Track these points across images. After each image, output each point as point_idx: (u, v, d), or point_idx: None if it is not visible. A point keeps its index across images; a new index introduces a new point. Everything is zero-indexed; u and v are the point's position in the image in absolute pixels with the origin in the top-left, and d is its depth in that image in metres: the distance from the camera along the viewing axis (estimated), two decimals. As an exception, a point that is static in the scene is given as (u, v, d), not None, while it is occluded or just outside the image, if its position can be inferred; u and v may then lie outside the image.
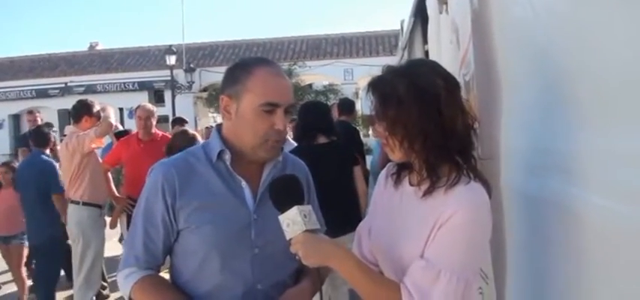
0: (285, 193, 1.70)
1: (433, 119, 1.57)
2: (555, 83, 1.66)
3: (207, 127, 15.57)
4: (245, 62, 1.89)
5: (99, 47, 31.34)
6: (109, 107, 5.49)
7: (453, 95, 1.62)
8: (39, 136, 6.12)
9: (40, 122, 7.76)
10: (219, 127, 1.96)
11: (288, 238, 1.64)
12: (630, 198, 1.22)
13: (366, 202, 4.75)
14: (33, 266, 7.02)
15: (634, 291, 1.23)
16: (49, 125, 6.71)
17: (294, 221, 1.63)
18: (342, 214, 3.72)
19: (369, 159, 7.62)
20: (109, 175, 6.00)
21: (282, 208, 1.66)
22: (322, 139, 4.37)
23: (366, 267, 1.68)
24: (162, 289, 1.88)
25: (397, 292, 1.55)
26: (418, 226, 1.61)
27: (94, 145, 5.37)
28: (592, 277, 1.45)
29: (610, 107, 1.33)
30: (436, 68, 1.68)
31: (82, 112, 5.48)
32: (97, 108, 5.56)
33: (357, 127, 7.55)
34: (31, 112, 8.07)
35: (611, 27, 1.31)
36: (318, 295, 1.94)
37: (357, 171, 4.65)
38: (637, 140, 1.19)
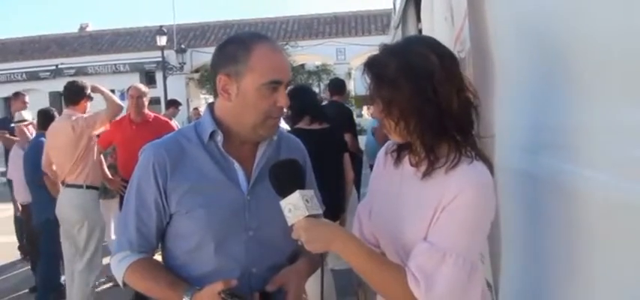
0: (286, 178, 1.65)
1: (427, 98, 1.52)
2: (549, 60, 1.66)
3: (195, 109, 15.47)
4: (241, 39, 1.82)
5: (89, 28, 31.15)
6: (103, 87, 5.41)
7: (449, 72, 1.56)
8: (47, 118, 6.04)
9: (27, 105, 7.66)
10: (211, 106, 1.92)
11: (290, 223, 1.60)
12: (624, 172, 1.22)
13: (351, 189, 4.84)
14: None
15: (629, 266, 1.24)
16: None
17: (297, 206, 1.58)
18: (333, 201, 3.74)
19: (361, 139, 7.60)
20: (102, 157, 5.95)
21: (284, 192, 1.61)
22: (314, 125, 4.35)
23: (370, 251, 1.63)
24: (156, 273, 1.85)
25: (403, 275, 1.51)
26: (420, 207, 1.58)
27: (103, 128, 5.31)
28: (587, 252, 1.46)
29: (604, 83, 1.34)
30: (432, 44, 1.62)
31: (80, 94, 5.34)
32: (89, 90, 5.45)
33: (350, 107, 7.54)
34: (18, 94, 7.89)
35: (604, 3, 1.30)
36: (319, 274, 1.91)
37: (346, 158, 4.67)
38: (630, 114, 1.19)
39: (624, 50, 1.22)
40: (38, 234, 5.97)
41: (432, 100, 1.52)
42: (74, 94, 5.36)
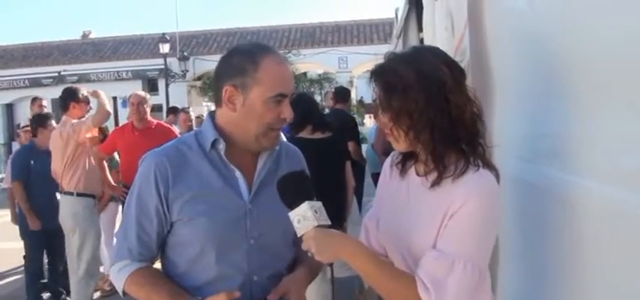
0: (294, 190, 1.66)
1: (440, 108, 1.53)
2: (548, 70, 1.67)
3: (198, 117, 15.49)
4: (248, 51, 1.83)
5: (92, 36, 31.25)
6: (101, 92, 5.40)
7: (459, 83, 1.58)
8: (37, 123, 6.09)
9: (45, 110, 7.66)
10: (212, 114, 1.92)
11: (299, 234, 1.61)
12: (623, 182, 1.23)
13: (352, 198, 4.82)
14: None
15: (625, 274, 1.25)
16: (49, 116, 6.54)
17: (305, 217, 1.59)
18: (335, 210, 3.75)
19: (363, 148, 7.62)
20: (105, 163, 5.96)
21: (292, 204, 1.63)
22: (316, 134, 4.34)
23: (380, 260, 1.64)
24: (157, 282, 1.84)
25: (413, 284, 1.52)
26: (428, 216, 1.58)
27: (89, 135, 5.30)
28: (584, 260, 1.47)
29: (603, 93, 1.35)
30: (440, 55, 1.63)
31: (67, 99, 5.36)
32: (83, 93, 5.45)
33: (353, 115, 7.62)
34: (35, 99, 7.93)
35: (603, 13, 1.32)
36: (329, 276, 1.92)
37: (348, 166, 4.67)
38: (629, 125, 1.21)
39: (620, 61, 1.23)
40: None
41: (445, 110, 1.53)
42: (62, 100, 5.41)
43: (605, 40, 1.30)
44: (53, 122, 5.96)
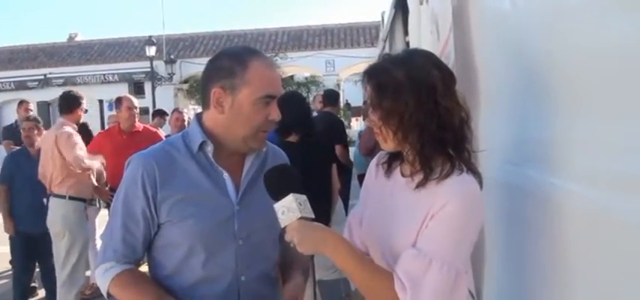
0: (280, 182, 1.68)
1: (429, 111, 1.55)
2: (533, 74, 1.69)
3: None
4: (236, 53, 1.85)
5: (78, 38, 30.96)
6: (97, 163, 5.48)
7: (450, 87, 1.60)
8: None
9: (31, 113, 7.59)
10: (198, 116, 1.93)
11: (282, 225, 1.63)
12: (605, 184, 1.25)
13: (337, 199, 4.80)
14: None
15: (610, 277, 1.27)
16: (37, 120, 6.48)
17: (290, 208, 1.61)
18: (321, 213, 3.73)
19: (351, 151, 7.64)
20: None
21: (278, 196, 1.64)
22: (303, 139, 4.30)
23: (360, 255, 1.66)
24: (141, 284, 1.85)
25: (390, 280, 1.54)
26: (410, 216, 1.60)
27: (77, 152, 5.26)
28: (568, 262, 1.48)
29: (586, 98, 1.36)
30: (433, 59, 1.66)
31: (74, 103, 5.37)
32: (84, 102, 5.50)
33: (341, 118, 7.66)
34: (22, 102, 7.88)
35: (586, 19, 1.34)
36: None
37: (333, 169, 4.67)
38: (611, 129, 1.23)
39: (602, 66, 1.26)
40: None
41: (434, 114, 1.56)
42: (68, 103, 5.38)
43: (588, 45, 1.32)
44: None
